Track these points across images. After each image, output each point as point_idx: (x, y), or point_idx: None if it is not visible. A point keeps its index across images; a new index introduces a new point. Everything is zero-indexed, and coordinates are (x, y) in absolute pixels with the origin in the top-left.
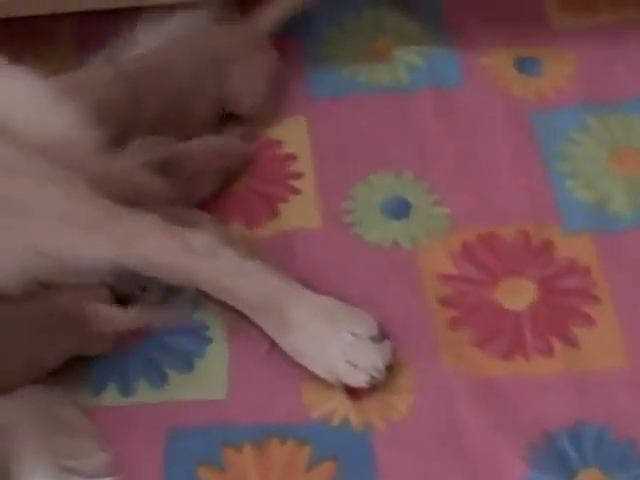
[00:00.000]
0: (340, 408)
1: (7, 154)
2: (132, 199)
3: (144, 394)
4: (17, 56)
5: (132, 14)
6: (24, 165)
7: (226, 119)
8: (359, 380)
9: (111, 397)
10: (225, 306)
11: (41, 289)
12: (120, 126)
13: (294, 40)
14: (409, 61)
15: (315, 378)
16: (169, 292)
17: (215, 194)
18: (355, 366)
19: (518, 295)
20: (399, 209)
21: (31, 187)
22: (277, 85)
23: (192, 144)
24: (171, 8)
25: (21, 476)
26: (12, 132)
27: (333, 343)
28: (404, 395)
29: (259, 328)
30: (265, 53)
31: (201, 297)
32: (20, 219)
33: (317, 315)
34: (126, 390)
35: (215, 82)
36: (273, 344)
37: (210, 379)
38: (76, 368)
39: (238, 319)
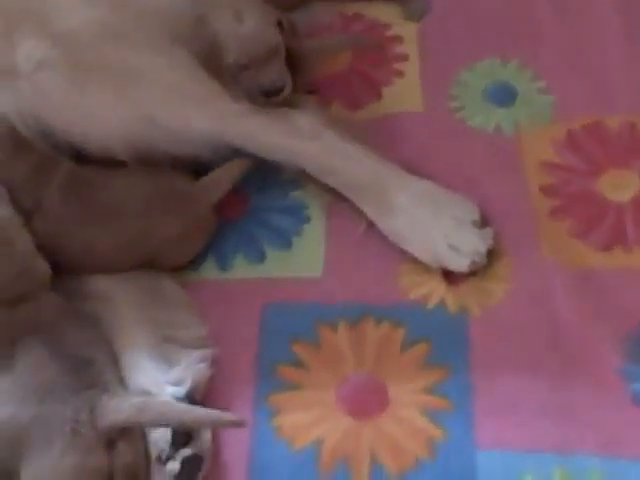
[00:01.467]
0: (437, 291)
1: (124, 26)
2: None
3: (242, 270)
4: None
5: None
6: (140, 37)
7: None
8: (460, 264)
9: (209, 271)
10: (325, 187)
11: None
12: None
13: None
14: None
15: (412, 261)
16: (271, 170)
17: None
18: (457, 250)
19: (621, 187)
20: (504, 95)
21: (145, 58)
22: None
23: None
24: None
25: (124, 344)
26: (128, 5)
27: (435, 227)
28: (501, 282)
29: (358, 210)
30: None
31: (301, 177)
32: (132, 88)
33: (420, 199)
34: (224, 265)
35: None
36: (370, 225)
37: (307, 257)
38: None
39: (337, 200)
